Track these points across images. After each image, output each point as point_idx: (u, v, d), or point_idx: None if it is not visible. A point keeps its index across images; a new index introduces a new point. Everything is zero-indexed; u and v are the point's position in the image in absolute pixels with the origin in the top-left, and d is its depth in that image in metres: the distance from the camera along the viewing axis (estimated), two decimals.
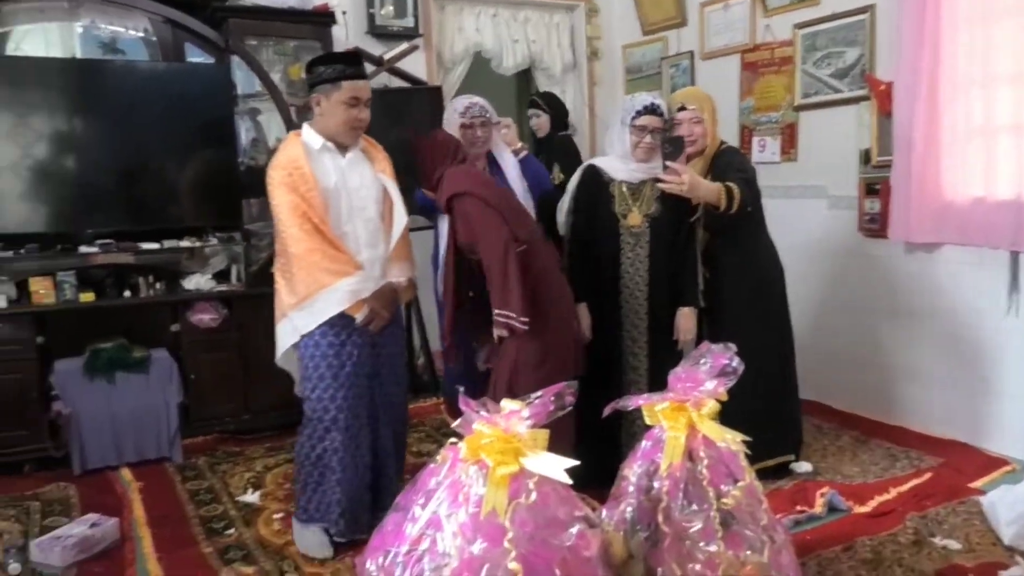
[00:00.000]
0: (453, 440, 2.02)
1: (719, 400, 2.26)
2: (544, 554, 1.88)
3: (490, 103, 3.41)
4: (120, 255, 3.87)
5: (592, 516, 2.12)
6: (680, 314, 3.19)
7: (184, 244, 4.03)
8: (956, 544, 2.79)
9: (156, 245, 3.95)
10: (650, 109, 3.07)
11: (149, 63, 4.09)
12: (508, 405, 1.98)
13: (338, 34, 4.49)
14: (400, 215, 2.90)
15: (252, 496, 3.37)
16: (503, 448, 1.90)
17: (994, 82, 3.50)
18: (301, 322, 2.70)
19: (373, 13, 4.85)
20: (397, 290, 2.87)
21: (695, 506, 2.14)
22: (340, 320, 2.71)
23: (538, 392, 1.99)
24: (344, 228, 2.77)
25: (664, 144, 3.06)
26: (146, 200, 3.98)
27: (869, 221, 4.09)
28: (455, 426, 2.01)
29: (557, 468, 1.92)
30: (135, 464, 3.72)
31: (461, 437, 1.99)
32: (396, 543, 1.97)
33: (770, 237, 3.43)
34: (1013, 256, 3.51)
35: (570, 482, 1.95)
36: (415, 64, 4.91)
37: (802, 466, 3.48)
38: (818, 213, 4.35)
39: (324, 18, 4.33)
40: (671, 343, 3.19)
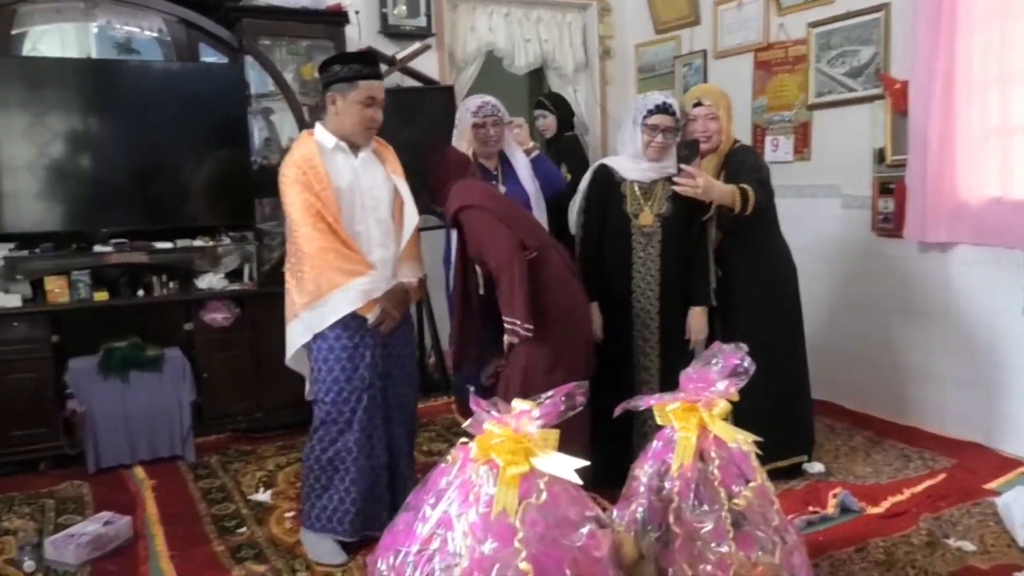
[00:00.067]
0: (464, 440, 2.02)
1: (731, 400, 2.26)
2: (555, 554, 1.88)
3: (502, 102, 3.43)
4: (134, 254, 3.90)
5: (603, 516, 2.12)
6: (691, 313, 3.18)
7: (197, 243, 4.05)
8: (970, 546, 2.77)
9: (170, 244, 3.97)
10: (662, 108, 3.06)
11: (163, 63, 4.12)
12: (519, 405, 1.98)
13: (351, 34, 4.50)
14: (411, 215, 2.90)
15: (264, 495, 3.39)
16: (514, 448, 1.90)
17: (1011, 81, 3.47)
18: (313, 322, 2.69)
19: (386, 13, 4.85)
20: (408, 290, 2.86)
21: (706, 507, 2.14)
22: (353, 322, 2.70)
23: (549, 392, 1.99)
24: (357, 228, 2.76)
25: (679, 147, 3.06)
26: (160, 199, 4.00)
27: (883, 221, 4.07)
28: (466, 426, 2.01)
29: (567, 468, 1.92)
30: (148, 462, 3.74)
31: (472, 437, 1.99)
32: (407, 542, 1.97)
33: (783, 237, 3.41)
34: None
35: (581, 482, 1.95)
36: (427, 64, 4.92)
37: (814, 467, 3.47)
38: (831, 212, 4.33)
39: (337, 18, 4.35)
40: (683, 343, 3.19)
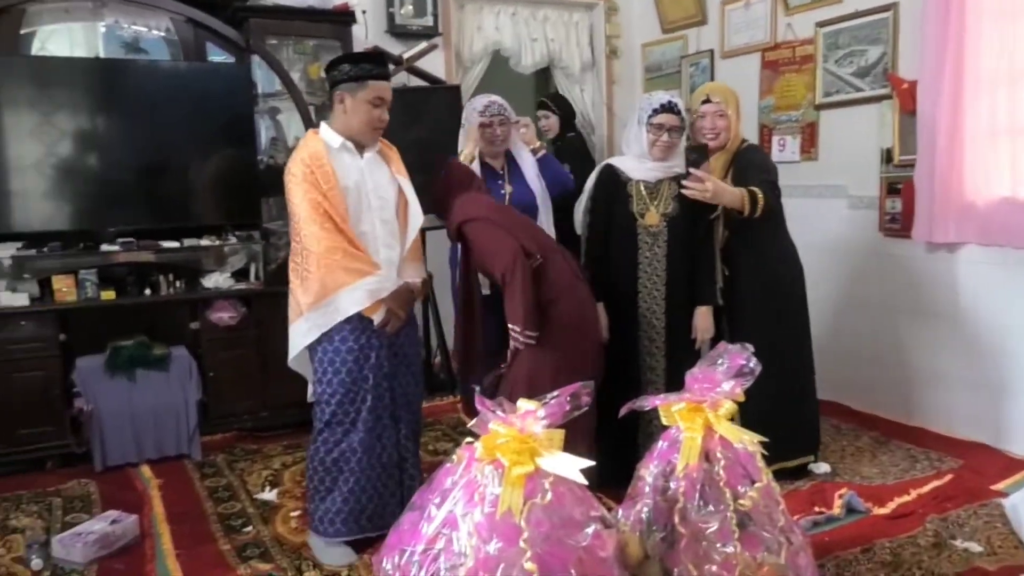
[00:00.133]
0: (469, 439, 2.02)
1: (736, 401, 2.26)
2: (560, 554, 1.88)
3: (508, 102, 3.43)
4: (141, 253, 3.90)
5: (608, 516, 2.12)
6: (697, 313, 3.18)
7: (204, 243, 4.06)
8: (977, 547, 2.76)
9: (176, 244, 3.98)
10: (667, 107, 3.06)
11: (171, 63, 4.13)
12: (524, 405, 1.98)
13: (358, 33, 4.50)
14: (415, 215, 2.88)
15: (270, 494, 3.39)
16: (519, 448, 1.90)
17: (1019, 81, 3.46)
18: (320, 321, 2.67)
19: (392, 12, 4.85)
20: (412, 290, 2.84)
21: (711, 507, 2.14)
22: (359, 323, 2.69)
23: (554, 392, 1.99)
24: (362, 228, 2.75)
25: (688, 152, 3.06)
26: (167, 199, 4.01)
27: (890, 221, 4.05)
28: (471, 425, 2.01)
29: (572, 468, 1.92)
30: (155, 461, 3.75)
31: (477, 436, 1.99)
32: (412, 542, 1.97)
33: (790, 236, 3.40)
34: None
35: (586, 482, 1.95)
36: (434, 63, 4.92)
37: (820, 467, 3.46)
38: (838, 213, 4.32)
39: (344, 17, 4.34)
40: (689, 343, 3.19)
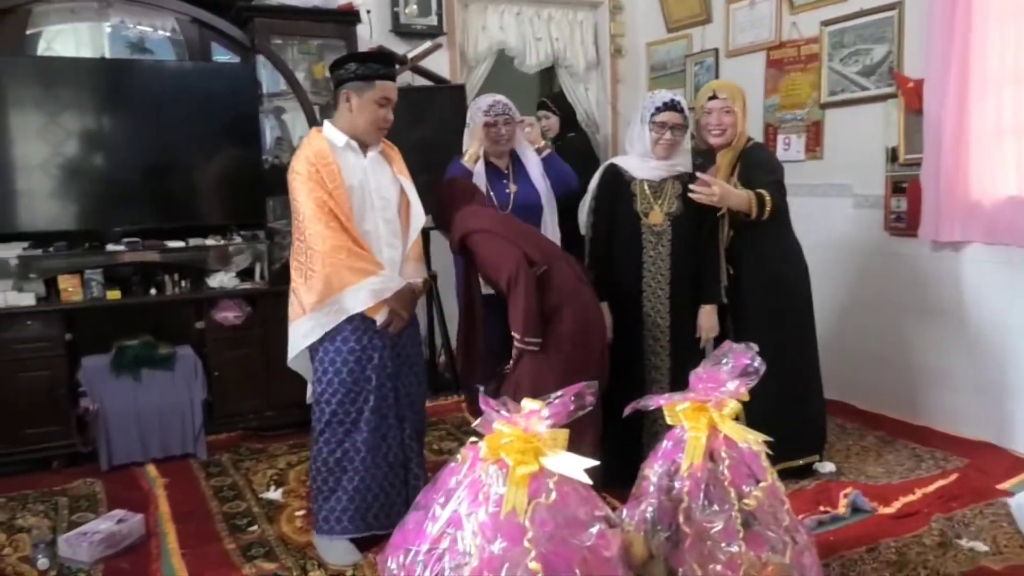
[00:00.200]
0: (474, 439, 2.02)
1: (741, 400, 2.25)
2: (564, 554, 1.88)
3: (513, 101, 3.42)
4: (146, 253, 3.92)
5: (612, 516, 2.12)
6: (702, 312, 3.18)
7: (209, 242, 4.07)
8: (983, 546, 2.75)
9: (181, 243, 3.99)
10: (670, 105, 3.06)
11: (176, 62, 4.14)
12: (528, 405, 1.98)
13: (362, 33, 4.51)
14: (417, 215, 2.89)
15: (275, 493, 3.40)
16: (523, 448, 1.90)
17: None
18: (323, 320, 2.67)
19: (397, 12, 4.86)
20: (414, 290, 2.85)
21: (716, 506, 2.13)
22: (361, 324, 2.70)
23: (558, 392, 1.99)
24: (366, 227, 2.75)
25: (695, 156, 3.06)
26: (172, 198, 4.02)
27: (896, 220, 4.05)
28: (476, 425, 2.01)
29: (577, 468, 1.92)
30: (160, 460, 3.76)
31: (482, 436, 1.99)
32: (417, 541, 1.97)
33: (795, 235, 3.39)
34: None
35: (590, 482, 1.95)
36: (438, 62, 4.92)
37: (825, 466, 3.46)
38: (843, 212, 4.31)
39: (348, 17, 4.35)
40: (693, 342, 3.18)
